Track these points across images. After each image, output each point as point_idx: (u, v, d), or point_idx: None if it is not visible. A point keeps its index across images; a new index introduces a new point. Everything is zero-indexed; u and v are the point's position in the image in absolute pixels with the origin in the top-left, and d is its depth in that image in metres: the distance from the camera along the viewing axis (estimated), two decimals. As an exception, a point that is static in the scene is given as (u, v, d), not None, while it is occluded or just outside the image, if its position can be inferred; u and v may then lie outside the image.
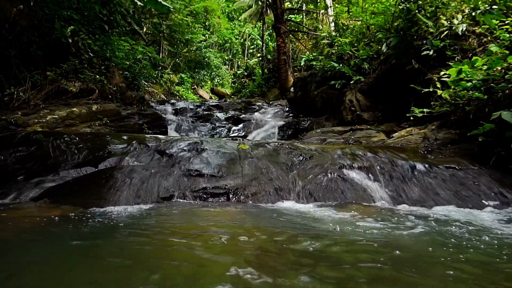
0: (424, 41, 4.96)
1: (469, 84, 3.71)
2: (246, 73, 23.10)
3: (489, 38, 4.49)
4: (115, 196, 2.64)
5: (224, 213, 2.42)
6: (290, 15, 16.03)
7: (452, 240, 1.82)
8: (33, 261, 1.41)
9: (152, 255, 1.50)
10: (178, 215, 2.29)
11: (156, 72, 15.93)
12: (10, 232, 1.85)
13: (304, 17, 18.30)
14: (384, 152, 3.49)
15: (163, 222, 2.07)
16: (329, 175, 3.08)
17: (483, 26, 4.50)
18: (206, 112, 9.56)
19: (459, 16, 4.82)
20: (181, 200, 2.74)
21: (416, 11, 5.22)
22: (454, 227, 2.10)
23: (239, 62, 33.33)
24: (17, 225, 1.98)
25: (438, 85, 4.13)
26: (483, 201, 2.82)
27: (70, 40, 6.12)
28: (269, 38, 22.84)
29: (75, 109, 5.35)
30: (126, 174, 2.92)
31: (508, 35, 3.91)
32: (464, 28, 4.66)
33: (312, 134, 6.14)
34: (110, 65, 7.45)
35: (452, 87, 3.93)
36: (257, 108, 10.62)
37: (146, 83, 12.83)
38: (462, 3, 5.02)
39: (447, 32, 4.83)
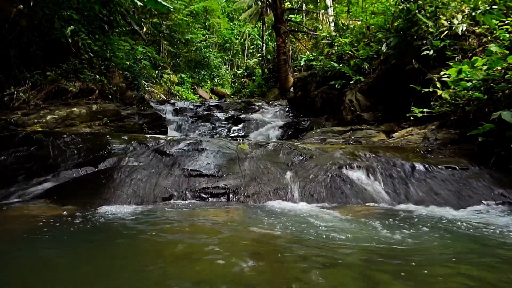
0: (424, 41, 4.96)
1: (469, 84, 3.71)
2: (246, 73, 23.12)
3: (489, 38, 4.48)
4: (115, 196, 2.64)
5: (224, 213, 2.42)
6: (290, 15, 16.03)
7: (453, 240, 1.82)
8: (33, 260, 1.41)
9: (150, 254, 1.51)
10: (178, 215, 2.29)
11: (156, 72, 15.93)
12: (10, 232, 1.85)
13: (304, 17, 18.32)
14: (384, 152, 3.49)
15: (162, 222, 2.07)
16: (329, 175, 3.08)
17: (483, 26, 4.50)
18: (206, 112, 9.56)
19: (459, 16, 4.81)
20: (181, 200, 2.74)
21: (416, 11, 5.22)
22: (454, 227, 2.10)
23: (239, 62, 33.30)
24: (17, 224, 1.98)
25: (438, 85, 4.13)
26: (483, 201, 2.82)
27: (70, 40, 6.11)
28: (269, 38, 22.83)
29: (75, 109, 5.34)
30: (126, 174, 2.92)
31: (508, 35, 3.90)
32: (464, 28, 4.66)
33: (312, 134, 6.14)
34: (110, 65, 7.44)
35: (452, 87, 3.93)
36: (257, 108, 10.63)
37: (146, 83, 12.84)
38: (462, 3, 5.01)
39: (447, 32, 4.83)
